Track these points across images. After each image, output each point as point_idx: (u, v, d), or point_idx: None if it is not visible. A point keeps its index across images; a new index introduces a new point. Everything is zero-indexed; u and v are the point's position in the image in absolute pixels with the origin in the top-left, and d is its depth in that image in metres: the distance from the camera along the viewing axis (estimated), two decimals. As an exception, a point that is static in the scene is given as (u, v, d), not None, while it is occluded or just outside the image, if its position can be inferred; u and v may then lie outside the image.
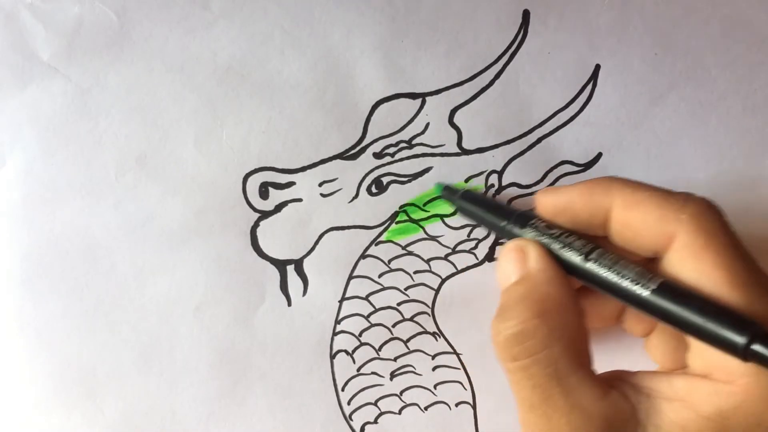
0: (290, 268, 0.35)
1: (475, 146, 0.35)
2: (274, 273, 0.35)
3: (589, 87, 0.35)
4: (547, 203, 0.30)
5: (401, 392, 0.36)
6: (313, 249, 0.35)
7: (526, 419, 0.28)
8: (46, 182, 0.34)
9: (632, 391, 0.27)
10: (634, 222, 0.28)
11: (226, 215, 0.34)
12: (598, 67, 0.35)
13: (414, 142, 0.35)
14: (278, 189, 0.34)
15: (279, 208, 0.35)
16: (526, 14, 0.34)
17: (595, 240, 0.29)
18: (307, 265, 0.35)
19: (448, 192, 0.34)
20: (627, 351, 0.34)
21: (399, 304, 0.35)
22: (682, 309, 0.25)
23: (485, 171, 0.35)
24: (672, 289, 0.26)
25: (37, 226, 0.34)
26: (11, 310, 0.34)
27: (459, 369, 0.36)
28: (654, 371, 0.28)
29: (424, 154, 0.35)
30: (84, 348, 0.35)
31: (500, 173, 0.35)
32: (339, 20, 0.34)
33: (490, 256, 0.35)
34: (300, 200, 0.35)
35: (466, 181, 0.35)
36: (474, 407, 0.36)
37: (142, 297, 0.35)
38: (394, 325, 0.35)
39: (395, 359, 0.36)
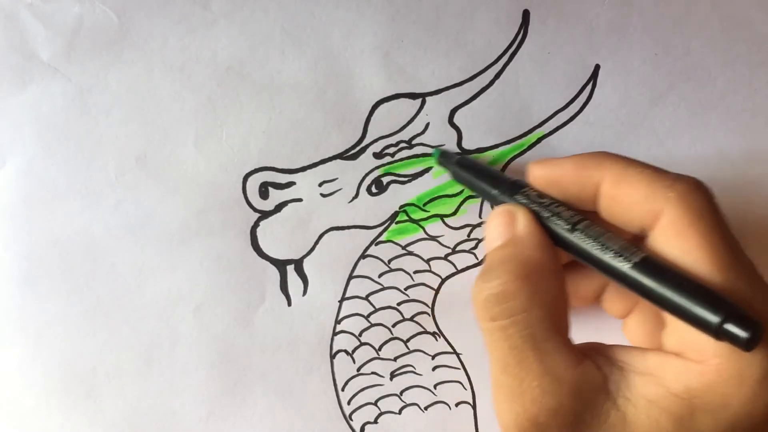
0: (290, 268, 0.35)
1: (475, 146, 0.35)
2: (274, 273, 0.35)
3: (589, 87, 0.35)
4: (539, 174, 0.30)
5: (401, 392, 0.36)
6: (313, 249, 0.35)
7: (498, 380, 0.28)
8: (46, 182, 0.34)
9: (606, 362, 0.28)
10: (622, 197, 0.28)
11: (226, 215, 0.34)
12: (598, 67, 0.35)
13: (414, 142, 0.35)
14: (278, 189, 0.34)
15: (279, 208, 0.35)
16: (526, 14, 0.34)
17: (585, 214, 0.29)
18: (307, 265, 0.35)
19: (444, 158, 0.34)
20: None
21: (399, 304, 0.35)
22: (661, 285, 0.25)
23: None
24: (653, 264, 0.26)
25: (37, 226, 0.34)
26: (11, 310, 0.34)
27: (459, 369, 0.36)
28: (629, 346, 0.29)
29: (424, 154, 0.35)
30: (84, 348, 0.35)
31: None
32: (339, 20, 0.34)
33: (490, 256, 0.35)
34: (300, 200, 0.35)
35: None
36: (474, 407, 0.36)
37: (142, 297, 0.35)
38: (394, 325, 0.35)
39: (395, 359, 0.36)
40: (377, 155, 0.35)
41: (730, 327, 0.23)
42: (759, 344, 0.23)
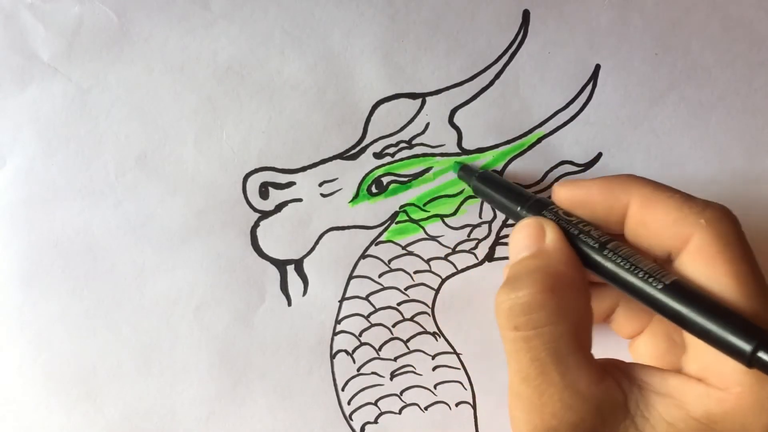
0: (290, 268, 0.35)
1: (475, 146, 0.35)
2: (274, 273, 0.35)
3: (589, 87, 0.35)
4: (565, 195, 0.30)
5: (401, 392, 0.36)
6: (313, 249, 0.35)
7: (517, 390, 0.28)
8: (46, 182, 0.34)
9: (626, 380, 0.28)
10: (651, 221, 0.28)
11: (226, 215, 0.34)
12: (598, 67, 0.35)
13: (414, 142, 0.35)
14: (278, 189, 0.34)
15: (279, 208, 0.35)
16: (526, 14, 0.34)
17: (611, 236, 0.29)
18: (307, 265, 0.35)
19: (464, 172, 0.34)
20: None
21: (399, 304, 0.35)
22: (692, 309, 0.25)
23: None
24: (684, 288, 0.26)
25: (37, 226, 0.34)
26: (11, 310, 0.34)
27: (459, 369, 0.36)
28: (648, 366, 0.28)
29: (424, 154, 0.35)
30: (84, 348, 0.35)
31: (500, 173, 0.35)
32: (339, 20, 0.34)
33: (490, 256, 0.35)
34: (300, 200, 0.35)
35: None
36: (474, 407, 0.36)
37: (142, 297, 0.35)
38: (394, 325, 0.35)
39: (395, 359, 0.36)
40: (377, 155, 0.35)
41: (763, 355, 0.23)
42: None
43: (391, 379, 0.36)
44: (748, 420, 0.25)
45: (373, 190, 0.35)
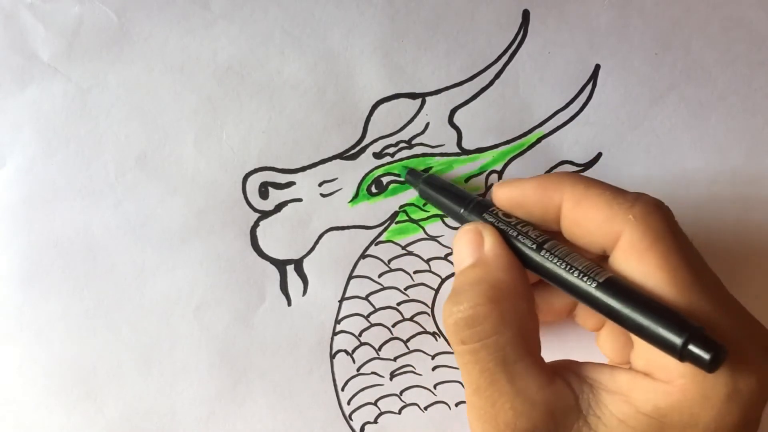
0: (290, 268, 0.35)
1: (475, 146, 0.35)
2: (274, 273, 0.35)
3: (589, 87, 0.35)
4: (503, 196, 0.30)
5: (401, 392, 0.36)
6: (313, 249, 0.35)
7: (471, 401, 0.28)
8: (46, 182, 0.34)
9: (576, 380, 0.28)
10: (582, 219, 0.28)
11: (226, 215, 0.34)
12: (598, 67, 0.35)
13: (414, 142, 0.35)
14: (278, 189, 0.34)
15: (279, 208, 0.35)
16: (526, 14, 0.34)
17: (551, 235, 0.29)
18: (307, 265, 0.35)
19: (411, 176, 0.34)
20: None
21: (399, 304, 0.35)
22: (625, 305, 0.25)
23: (485, 171, 0.35)
24: (617, 285, 0.26)
25: (37, 226, 0.34)
26: (11, 310, 0.34)
27: (459, 369, 0.36)
28: (600, 363, 0.29)
29: (424, 154, 0.35)
30: (84, 348, 0.35)
31: (500, 173, 0.35)
32: (339, 20, 0.34)
33: (490, 256, 0.35)
34: (300, 200, 0.35)
35: (466, 181, 0.35)
36: (474, 407, 0.36)
37: (142, 297, 0.35)
38: (394, 325, 0.35)
39: (395, 359, 0.36)
40: (377, 155, 0.35)
41: (693, 348, 0.24)
42: (722, 365, 0.24)
43: (391, 379, 0.36)
44: (694, 411, 0.25)
45: (373, 190, 0.35)
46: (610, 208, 0.27)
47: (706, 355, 0.23)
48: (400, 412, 0.36)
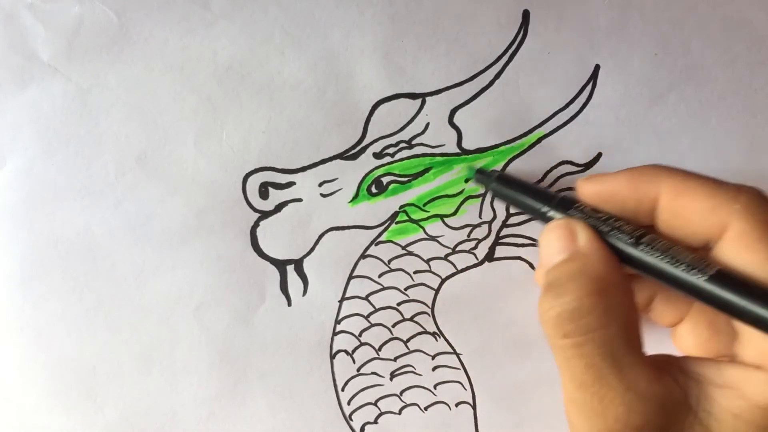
0: (290, 268, 0.35)
1: (475, 146, 0.35)
2: (274, 273, 0.35)
3: (589, 87, 0.35)
4: (591, 191, 0.30)
5: (401, 392, 0.36)
6: (313, 249, 0.35)
7: (574, 397, 0.27)
8: (46, 182, 0.34)
9: (682, 376, 0.27)
10: (684, 211, 0.27)
11: (226, 215, 0.34)
12: (598, 67, 0.35)
13: (414, 142, 0.35)
14: (278, 189, 0.34)
15: (279, 208, 0.35)
16: (526, 14, 0.34)
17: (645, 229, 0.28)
18: (307, 265, 0.35)
19: (481, 175, 0.34)
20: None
21: (399, 304, 0.35)
22: (740, 297, 0.25)
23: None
24: (729, 276, 0.26)
25: (37, 226, 0.34)
26: (11, 310, 0.34)
27: (459, 369, 0.36)
28: (702, 358, 0.28)
29: (424, 154, 0.35)
30: (84, 348, 0.35)
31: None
32: (339, 20, 0.34)
33: (490, 256, 0.35)
34: (300, 200, 0.35)
35: (466, 181, 0.35)
36: (474, 407, 0.36)
37: (142, 297, 0.35)
38: (394, 325, 0.35)
39: (395, 359, 0.36)
40: (377, 155, 0.35)
41: None
42: None
43: (391, 379, 0.36)
44: None
45: (373, 190, 0.35)
46: (713, 198, 0.27)
47: None
48: (400, 413, 0.36)
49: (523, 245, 0.35)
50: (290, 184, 0.35)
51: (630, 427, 0.26)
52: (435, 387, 0.36)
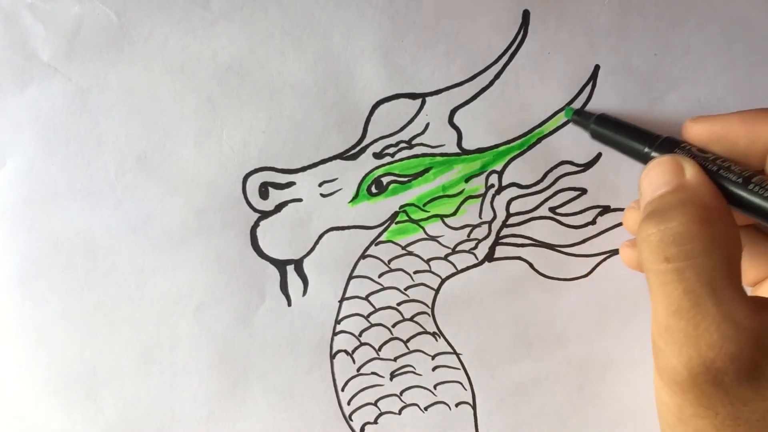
0: (290, 268, 0.35)
1: (475, 146, 0.35)
2: (274, 273, 0.35)
3: (589, 87, 0.35)
4: (700, 131, 0.29)
5: (401, 392, 0.36)
6: (313, 249, 0.35)
7: (666, 323, 0.27)
8: (46, 182, 0.34)
9: None
10: None
11: (226, 215, 0.34)
12: (597, 67, 0.35)
13: (414, 142, 0.35)
14: (278, 189, 0.34)
15: (279, 208, 0.35)
16: (526, 14, 0.34)
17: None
18: (307, 265, 0.35)
19: (580, 116, 0.33)
20: None
21: (399, 304, 0.35)
22: None
23: (485, 171, 0.35)
24: None
25: (37, 226, 0.34)
26: (11, 310, 0.34)
27: (459, 369, 0.36)
28: None
29: (424, 155, 0.35)
30: (84, 348, 0.35)
31: (500, 173, 0.35)
32: (339, 20, 0.34)
33: (489, 257, 0.35)
34: (300, 200, 0.35)
35: (466, 180, 0.35)
36: (474, 407, 0.36)
37: (142, 297, 0.35)
38: (394, 325, 0.35)
39: (395, 359, 0.35)
40: (377, 155, 0.35)
41: None
42: None
43: (391, 379, 0.36)
44: None
45: (373, 190, 0.35)
46: None
47: None
48: (400, 413, 0.36)
49: (523, 245, 0.35)
50: (290, 184, 0.35)
51: (723, 355, 0.25)
52: (435, 387, 0.36)
